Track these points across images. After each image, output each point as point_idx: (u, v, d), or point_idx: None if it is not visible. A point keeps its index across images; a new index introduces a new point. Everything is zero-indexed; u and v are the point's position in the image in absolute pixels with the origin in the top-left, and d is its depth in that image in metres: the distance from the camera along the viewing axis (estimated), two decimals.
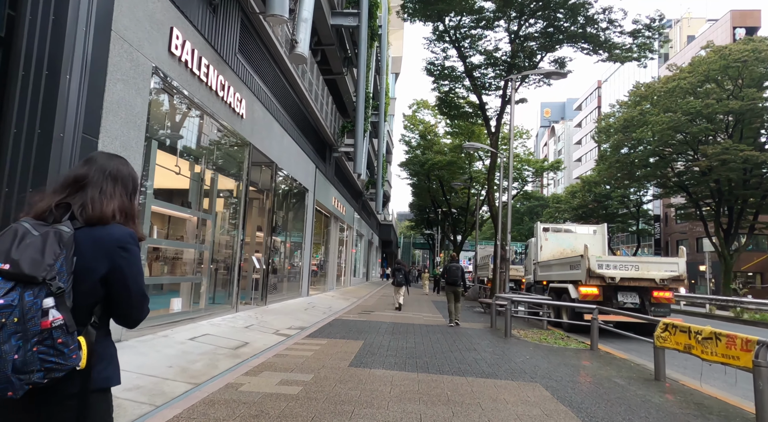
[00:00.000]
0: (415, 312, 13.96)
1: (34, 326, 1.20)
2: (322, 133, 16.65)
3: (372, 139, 30.37)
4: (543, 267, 15.62)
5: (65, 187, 1.44)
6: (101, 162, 1.50)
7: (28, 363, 1.20)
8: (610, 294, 11.42)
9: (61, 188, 1.44)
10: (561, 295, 12.83)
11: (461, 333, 9.75)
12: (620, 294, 11.46)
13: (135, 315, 1.46)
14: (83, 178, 1.44)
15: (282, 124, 11.73)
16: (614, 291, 11.42)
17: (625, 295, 11.49)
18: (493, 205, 18.17)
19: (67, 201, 1.41)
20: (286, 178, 12.72)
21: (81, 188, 1.43)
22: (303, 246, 14.85)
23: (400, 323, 10.86)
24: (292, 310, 11.20)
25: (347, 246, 25.83)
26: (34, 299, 1.22)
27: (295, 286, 14.56)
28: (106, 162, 1.50)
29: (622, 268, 11.36)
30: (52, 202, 1.39)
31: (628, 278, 11.17)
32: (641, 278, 11.20)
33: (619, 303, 11.28)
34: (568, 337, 10.07)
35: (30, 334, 1.20)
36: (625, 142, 31.94)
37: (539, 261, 15.94)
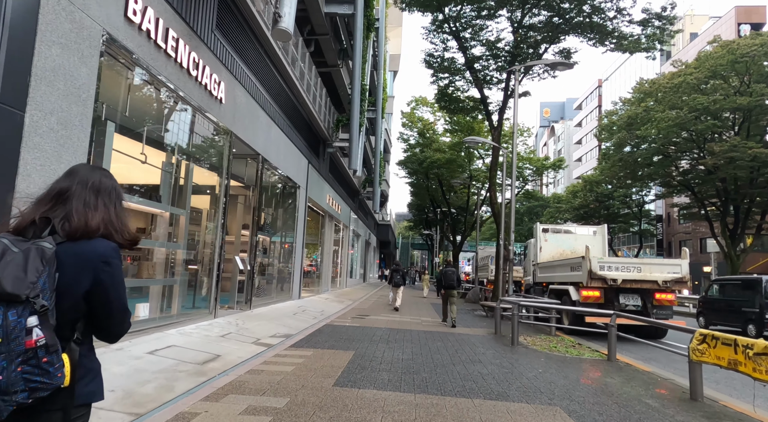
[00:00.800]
0: (413, 316, 13.10)
1: (18, 346, 1.20)
2: (315, 127, 15.79)
3: (369, 136, 29.58)
4: (543, 269, 15.25)
5: (48, 201, 1.42)
6: (83, 174, 1.48)
7: (13, 384, 1.20)
8: (612, 296, 11.21)
9: (43, 202, 1.42)
10: (561, 297, 12.52)
11: (464, 340, 8.88)
12: (622, 297, 11.25)
13: (117, 329, 1.45)
14: (66, 191, 1.43)
15: (269, 114, 10.86)
16: (616, 293, 11.21)
17: (626, 297, 11.27)
18: (495, 202, 17.33)
19: (47, 215, 1.39)
20: (274, 172, 11.85)
21: (63, 202, 1.41)
22: (294, 246, 13.98)
23: (397, 329, 9.99)
24: (280, 315, 10.32)
25: (343, 247, 24.96)
26: (18, 318, 1.21)
27: (286, 289, 13.68)
28: (88, 174, 1.49)
29: (624, 270, 11.13)
30: (35, 216, 1.38)
31: (630, 280, 10.98)
32: (643, 280, 10.99)
33: (620, 306, 11.03)
34: (580, 345, 9.22)
35: (14, 354, 1.20)
36: (629, 139, 31.13)
37: (539, 262, 15.56)
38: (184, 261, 7.56)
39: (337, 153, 19.06)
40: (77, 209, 1.39)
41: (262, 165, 10.53)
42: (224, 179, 8.53)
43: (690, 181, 31.44)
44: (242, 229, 11.66)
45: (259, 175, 10.46)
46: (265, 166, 10.92)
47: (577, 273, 11.89)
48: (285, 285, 13.67)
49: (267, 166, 11.14)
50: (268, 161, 10.98)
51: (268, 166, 11.22)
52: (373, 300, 18.95)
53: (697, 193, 31.38)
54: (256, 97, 9.90)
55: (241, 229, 11.67)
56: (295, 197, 14.10)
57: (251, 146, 9.67)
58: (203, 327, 7.19)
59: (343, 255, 25.03)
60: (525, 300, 11.03)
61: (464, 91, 19.34)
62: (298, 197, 14.18)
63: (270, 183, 12.17)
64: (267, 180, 11.73)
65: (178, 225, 7.53)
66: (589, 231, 16.35)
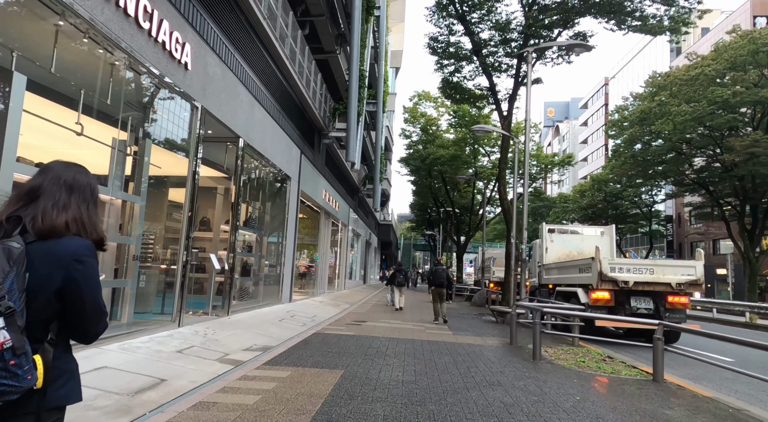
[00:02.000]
0: (415, 322, 11.74)
1: None
2: (309, 114, 14.47)
3: (370, 131, 28.28)
4: (549, 270, 14.51)
5: (18, 199, 1.39)
6: (57, 171, 1.45)
7: None
8: (623, 299, 10.83)
9: (14, 200, 1.40)
10: (569, 299, 11.79)
11: (476, 354, 7.53)
12: (633, 299, 10.87)
13: (92, 330, 1.41)
14: (37, 189, 1.40)
15: (253, 93, 9.55)
16: (627, 296, 10.83)
17: (638, 300, 10.89)
18: (504, 198, 15.98)
19: (18, 213, 1.37)
20: (259, 160, 10.52)
21: (34, 199, 1.39)
22: (284, 244, 12.64)
23: (397, 339, 8.64)
24: (263, 322, 8.99)
25: (342, 246, 23.63)
26: None
27: (274, 291, 12.35)
28: (62, 171, 1.46)
29: (636, 272, 10.71)
30: (2, 216, 1.36)
31: (642, 282, 10.59)
32: (656, 282, 10.60)
33: (631, 309, 10.76)
34: (611, 359, 7.86)
35: None
36: (642, 135, 29.74)
37: (544, 263, 14.74)
38: (138, 259, 6.23)
39: (333, 144, 17.74)
40: (46, 208, 1.37)
41: (244, 151, 9.20)
42: (193, 162, 7.20)
43: (705, 179, 30.06)
44: (224, 225, 10.35)
45: (240, 161, 9.13)
46: (247, 152, 9.59)
47: (586, 274, 11.28)
48: (273, 288, 12.34)
49: (250, 152, 9.82)
50: (251, 147, 9.66)
51: (251, 153, 9.89)
52: (373, 303, 17.60)
53: (713, 192, 30.00)
54: (236, 71, 8.57)
55: (222, 225, 10.37)
56: (285, 190, 12.78)
57: (229, 126, 8.35)
58: (159, 340, 5.85)
59: (342, 255, 23.70)
60: (548, 306, 9.64)
61: (471, 78, 18.02)
62: (289, 190, 12.85)
63: (255, 172, 10.85)
64: (250, 168, 10.41)
65: (132, 216, 6.20)
66: (597, 232, 15.42)
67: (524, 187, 13.49)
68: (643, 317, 10.98)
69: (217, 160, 9.82)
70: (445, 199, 36.16)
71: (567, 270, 13.09)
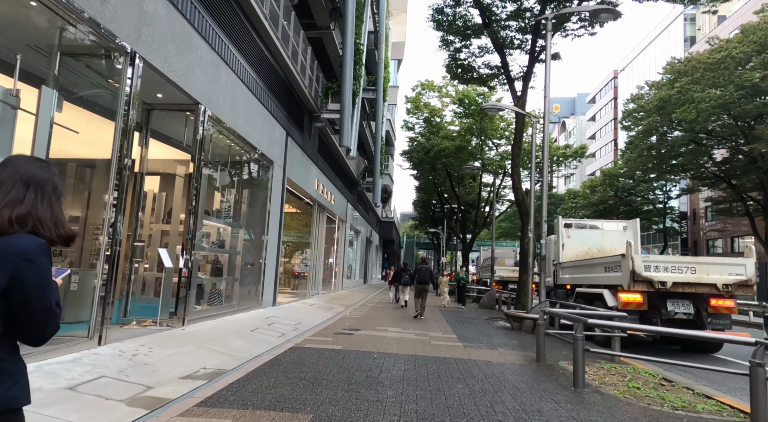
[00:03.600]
0: (419, 330, 9.97)
1: None
2: (298, 93, 12.71)
3: (370, 121, 26.50)
4: (566, 269, 12.92)
5: None
6: (16, 164, 1.41)
7: None
8: (657, 302, 9.48)
9: None
10: (592, 302, 10.34)
11: (497, 378, 5.74)
12: (670, 303, 9.48)
13: (39, 333, 1.36)
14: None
15: (218, 50, 7.79)
16: (662, 298, 9.49)
17: (675, 304, 9.50)
18: (519, 188, 14.18)
19: None
20: (228, 135, 8.76)
21: None
22: (266, 238, 10.89)
23: (396, 355, 6.87)
24: (229, 333, 7.24)
25: (339, 243, 21.88)
26: None
27: (254, 294, 10.61)
28: (21, 165, 1.41)
29: (675, 271, 9.33)
30: None
31: (682, 283, 9.21)
32: (699, 283, 9.24)
33: (668, 314, 9.39)
34: (670, 384, 6.09)
35: None
36: (661, 125, 27.83)
37: (561, 261, 13.09)
38: None
39: (327, 129, 15.97)
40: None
41: (203, 120, 7.42)
42: (121, 128, 5.43)
43: (727, 172, 28.16)
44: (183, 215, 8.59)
45: (201, 135, 7.36)
46: (212, 125, 7.83)
47: (614, 274, 9.93)
48: (253, 290, 10.60)
49: (217, 126, 8.06)
50: (218, 120, 7.90)
51: (219, 127, 8.14)
52: (371, 306, 15.84)
53: (735, 186, 28.11)
54: (191, 17, 6.81)
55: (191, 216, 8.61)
56: (267, 176, 11.03)
57: (181, 87, 6.59)
58: (51, 369, 4.09)
59: (339, 253, 21.96)
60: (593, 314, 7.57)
61: (480, 55, 16.18)
62: (272, 177, 11.10)
63: (224, 151, 9.10)
64: (219, 146, 8.65)
65: None
66: (618, 227, 13.81)
67: (543, 174, 11.72)
68: (682, 323, 9.47)
69: (176, 135, 8.08)
70: (450, 194, 34.37)
71: (589, 268, 11.45)
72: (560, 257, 13.31)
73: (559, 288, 13.44)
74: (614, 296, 9.78)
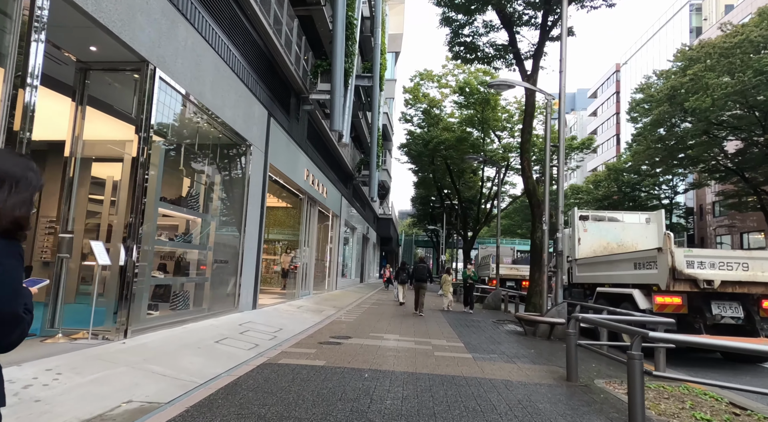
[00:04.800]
0: (420, 337, 8.58)
1: None
2: (283, 70, 11.30)
3: (366, 111, 25.07)
4: (584, 266, 11.60)
5: None
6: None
7: None
8: (700, 304, 8.08)
9: None
10: (618, 304, 8.91)
11: (525, 408, 4.35)
12: (715, 305, 8.06)
13: (4, 339, 1.28)
14: None
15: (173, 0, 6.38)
16: (705, 300, 8.08)
17: (722, 306, 8.06)
18: (529, 177, 12.80)
19: None
20: (193, 107, 7.35)
21: None
22: (243, 231, 9.48)
23: (391, 373, 5.48)
24: (183, 346, 5.83)
25: (333, 240, 20.48)
26: None
27: (229, 296, 9.20)
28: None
29: (724, 267, 7.96)
30: None
31: (732, 282, 7.87)
32: (752, 282, 7.86)
33: (713, 318, 7.97)
34: (746, 413, 4.73)
35: None
36: (672, 115, 26.48)
37: (577, 258, 11.78)
38: None
39: (317, 113, 14.57)
40: None
41: (150, 82, 5.99)
42: (12, 80, 4.01)
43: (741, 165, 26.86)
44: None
45: (147, 99, 5.93)
46: (165, 92, 6.41)
47: (648, 272, 8.54)
48: (227, 291, 9.19)
49: (173, 93, 6.64)
50: (172, 87, 6.49)
51: (174, 95, 6.72)
52: (366, 308, 14.45)
53: (748, 179, 26.83)
54: None
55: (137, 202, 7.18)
56: (244, 161, 9.62)
57: (116, 34, 5.17)
58: None
59: (333, 250, 20.56)
60: (641, 319, 5.87)
61: (485, 33, 14.77)
62: (251, 162, 9.69)
63: (188, 128, 7.69)
64: (180, 120, 7.24)
65: None
66: (641, 219, 12.52)
67: (559, 156, 10.34)
68: (728, 329, 8.14)
69: (125, 107, 6.66)
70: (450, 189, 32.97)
71: (614, 265, 10.08)
72: (576, 253, 11.98)
73: (575, 287, 12.11)
74: (647, 297, 8.44)
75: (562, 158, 10.45)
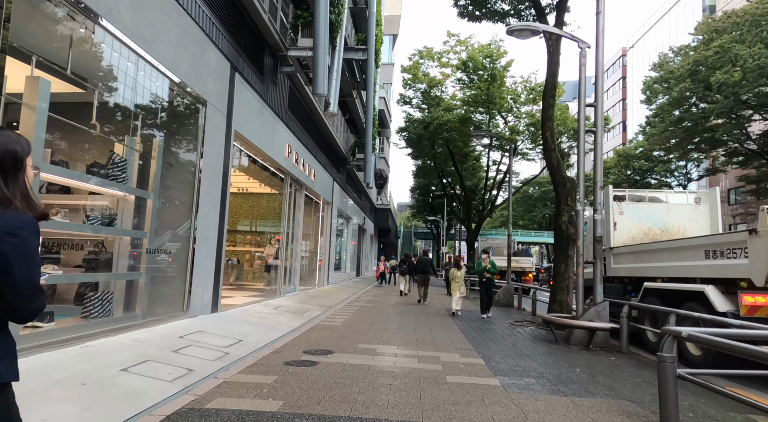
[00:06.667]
0: (426, 350, 6.50)
1: None
2: (250, 14, 9.11)
3: (360, 90, 22.85)
4: (624, 256, 9.65)
5: None
6: None
7: None
8: None
9: None
10: (680, 304, 7.04)
11: None
12: None
13: (24, 309, 1.35)
14: None
15: None
16: None
17: None
18: (552, 150, 10.65)
19: None
20: (101, 32, 5.20)
21: None
22: (194, 211, 7.35)
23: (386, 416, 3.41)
24: (63, 378, 3.73)
25: (324, 229, 18.40)
26: None
27: (177, 297, 7.10)
28: None
29: None
30: None
31: None
32: None
33: None
34: None
35: None
36: (695, 92, 24.33)
37: (613, 246, 9.85)
38: None
39: (299, 78, 12.39)
40: None
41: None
42: None
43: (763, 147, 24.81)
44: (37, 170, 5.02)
45: None
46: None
47: (732, 262, 6.42)
48: (175, 291, 7.09)
49: (63, 4, 4.50)
50: None
51: (62, 6, 4.57)
52: (359, 306, 12.38)
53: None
54: None
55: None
56: (193, 122, 7.47)
57: None
58: None
59: (325, 240, 18.48)
60: None
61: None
62: (205, 124, 7.54)
63: (99, 63, 5.55)
64: (77, 47, 5.09)
65: None
66: (688, 200, 10.41)
67: (597, 116, 8.26)
68: None
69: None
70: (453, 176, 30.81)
71: (672, 254, 7.97)
72: (611, 240, 9.91)
73: (609, 281, 10.03)
74: (727, 296, 6.38)
75: (601, 116, 8.37)
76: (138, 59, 5.79)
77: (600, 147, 8.43)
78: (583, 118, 8.89)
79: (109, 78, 5.75)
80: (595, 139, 8.49)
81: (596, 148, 8.46)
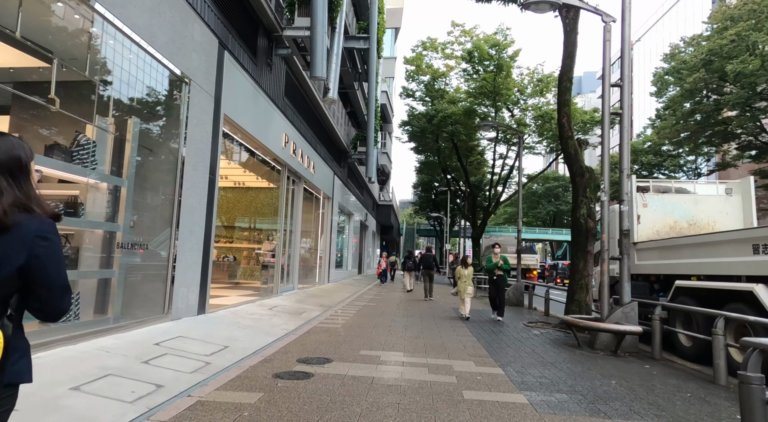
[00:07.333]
0: (436, 357, 5.73)
1: None
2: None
3: (362, 82, 22.06)
4: (650, 252, 8.81)
5: None
6: None
7: None
8: None
9: None
10: (722, 306, 6.23)
11: None
12: None
13: (56, 307, 1.39)
14: None
15: None
16: None
17: None
18: (570, 137, 9.84)
19: None
20: None
21: None
22: (175, 202, 6.59)
23: None
24: None
25: (324, 225, 17.64)
26: None
27: (156, 297, 6.34)
28: None
29: None
30: None
31: None
32: None
33: None
34: None
35: None
36: (710, 82, 23.45)
37: (637, 241, 9.06)
38: None
39: (297, 62, 11.60)
40: None
41: None
42: None
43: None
44: None
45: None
46: None
47: None
48: (153, 290, 6.33)
49: None
50: None
51: None
52: (362, 305, 11.61)
53: None
54: None
55: None
56: (175, 101, 6.70)
57: None
58: None
59: (325, 236, 17.72)
60: None
61: None
62: (188, 105, 6.77)
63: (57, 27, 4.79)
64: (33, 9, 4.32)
65: None
66: (719, 191, 9.58)
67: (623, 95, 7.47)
68: None
69: None
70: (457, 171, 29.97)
71: (709, 249, 7.13)
72: (635, 234, 9.11)
73: (636, 279, 9.20)
74: None
75: (628, 95, 7.58)
76: (104, 23, 5.02)
77: (627, 130, 7.64)
78: (608, 98, 8.11)
79: (70, 45, 4.98)
80: (621, 121, 7.69)
81: (622, 131, 7.68)
